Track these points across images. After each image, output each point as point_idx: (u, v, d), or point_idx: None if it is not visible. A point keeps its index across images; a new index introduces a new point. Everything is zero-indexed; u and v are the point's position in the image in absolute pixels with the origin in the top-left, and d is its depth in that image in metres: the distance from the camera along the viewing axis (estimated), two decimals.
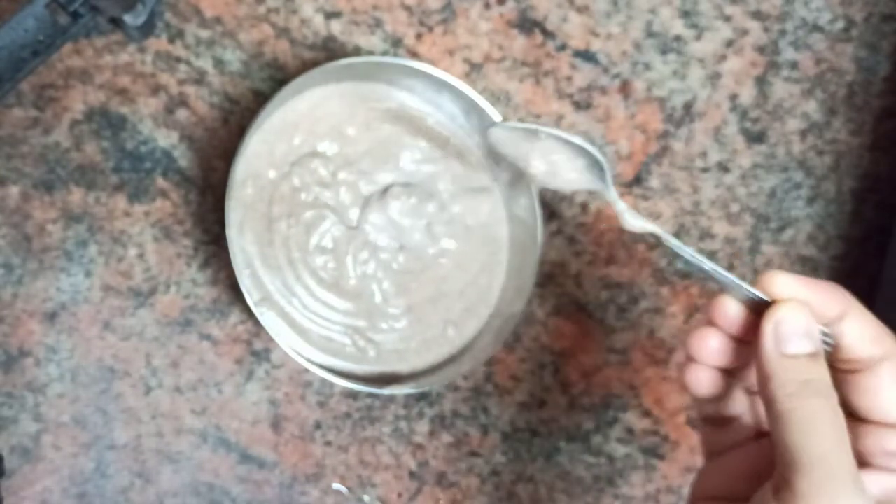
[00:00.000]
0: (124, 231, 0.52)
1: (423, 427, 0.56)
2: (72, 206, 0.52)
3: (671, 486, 0.58)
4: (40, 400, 0.52)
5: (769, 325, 0.38)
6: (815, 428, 0.36)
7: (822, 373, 0.38)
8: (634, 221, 0.43)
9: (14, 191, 0.51)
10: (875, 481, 0.38)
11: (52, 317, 0.52)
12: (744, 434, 0.42)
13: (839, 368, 0.39)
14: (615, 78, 0.55)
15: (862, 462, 0.38)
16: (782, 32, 0.55)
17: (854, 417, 0.39)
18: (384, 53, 0.53)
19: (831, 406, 0.37)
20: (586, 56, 0.54)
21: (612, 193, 0.45)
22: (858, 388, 0.39)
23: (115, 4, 0.42)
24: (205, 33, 0.52)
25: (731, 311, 0.40)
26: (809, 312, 0.38)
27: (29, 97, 0.51)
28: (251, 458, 0.55)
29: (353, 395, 0.55)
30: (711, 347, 0.40)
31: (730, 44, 0.55)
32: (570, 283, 0.56)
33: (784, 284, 0.39)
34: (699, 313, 0.56)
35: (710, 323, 0.41)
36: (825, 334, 0.39)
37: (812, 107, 0.56)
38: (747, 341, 0.40)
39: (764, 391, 0.38)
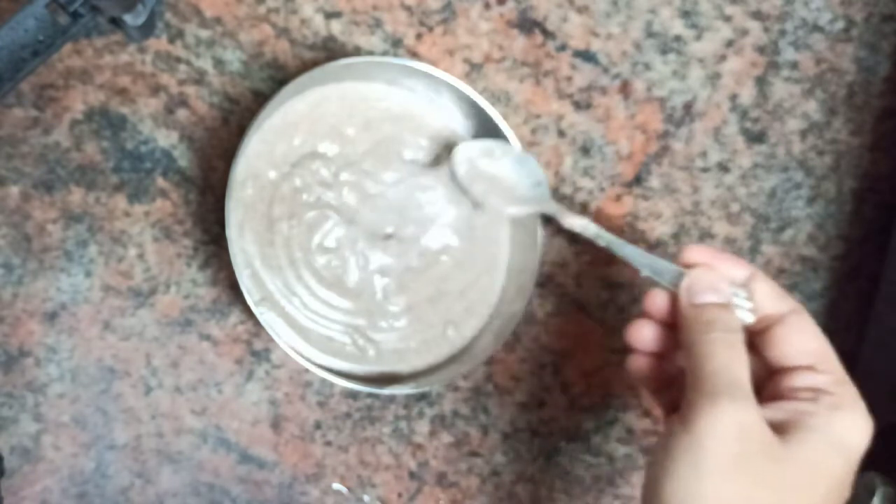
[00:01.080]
0: (124, 231, 0.52)
1: (423, 427, 0.56)
2: (72, 206, 0.52)
3: None
4: (40, 400, 0.52)
5: (684, 284, 0.46)
6: (710, 353, 0.43)
7: (728, 316, 0.45)
8: (572, 220, 0.50)
9: (14, 191, 0.51)
10: (785, 407, 0.43)
11: (52, 317, 0.52)
12: None
13: (757, 331, 0.45)
14: (615, 78, 0.55)
15: (778, 396, 0.44)
16: (782, 32, 0.55)
17: (772, 370, 0.45)
18: (384, 53, 0.53)
19: (730, 338, 0.44)
20: (586, 56, 0.54)
21: (552, 205, 0.51)
22: (770, 341, 0.45)
23: (115, 4, 0.42)
24: (205, 33, 0.52)
25: (659, 300, 0.47)
26: (717, 274, 0.46)
27: (29, 97, 0.51)
28: (251, 458, 0.55)
29: (353, 395, 0.55)
30: (646, 335, 0.47)
31: (730, 44, 0.55)
32: (570, 283, 0.56)
33: (697, 252, 0.47)
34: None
35: (645, 315, 0.48)
36: (744, 296, 0.45)
37: (812, 107, 0.56)
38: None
39: (680, 337, 0.45)
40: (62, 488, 0.53)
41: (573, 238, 0.55)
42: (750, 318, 0.45)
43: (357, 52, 0.53)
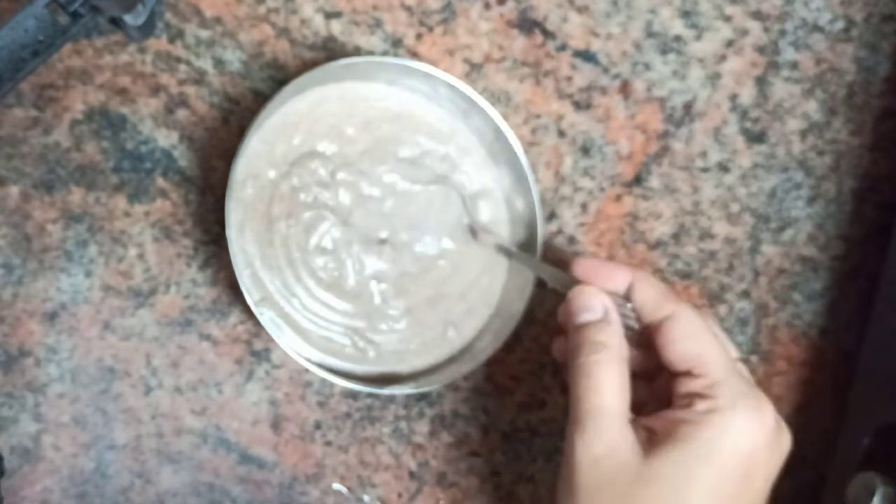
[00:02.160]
0: (124, 231, 0.52)
1: (423, 427, 0.56)
2: (72, 206, 0.52)
3: None
4: (40, 400, 0.52)
5: (566, 304, 0.47)
6: (575, 378, 0.44)
7: (607, 336, 0.45)
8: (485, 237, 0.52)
9: (14, 191, 0.51)
10: (665, 416, 0.44)
11: (52, 317, 0.52)
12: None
13: (649, 331, 0.46)
14: (615, 78, 0.55)
15: (666, 402, 0.45)
16: (782, 32, 0.55)
17: (664, 368, 0.45)
18: (384, 53, 0.53)
19: (595, 361, 0.44)
20: (586, 56, 0.54)
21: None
22: (657, 345, 0.45)
23: (115, 4, 0.42)
24: (205, 33, 0.52)
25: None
26: (591, 291, 0.46)
27: (29, 97, 0.51)
28: (251, 458, 0.55)
29: (353, 395, 0.55)
30: (557, 348, 0.50)
31: (730, 44, 0.55)
32: None
33: (581, 267, 0.47)
34: None
35: (563, 328, 0.48)
36: (629, 306, 0.46)
37: (812, 107, 0.56)
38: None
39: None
40: (62, 488, 0.53)
41: (573, 238, 0.55)
42: (636, 326, 0.46)
43: (357, 52, 0.53)
